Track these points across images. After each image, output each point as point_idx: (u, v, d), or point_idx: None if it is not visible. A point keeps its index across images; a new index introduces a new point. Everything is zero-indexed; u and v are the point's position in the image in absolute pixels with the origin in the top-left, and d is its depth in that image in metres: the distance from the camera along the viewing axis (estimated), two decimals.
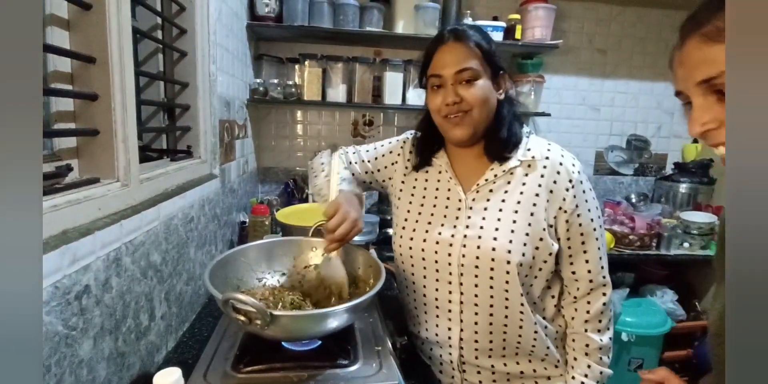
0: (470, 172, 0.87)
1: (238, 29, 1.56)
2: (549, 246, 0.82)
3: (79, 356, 0.58)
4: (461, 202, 0.86)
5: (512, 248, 0.79)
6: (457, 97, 0.79)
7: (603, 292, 0.86)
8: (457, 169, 0.89)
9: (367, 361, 0.65)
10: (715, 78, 0.44)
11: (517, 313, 0.83)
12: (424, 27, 1.78)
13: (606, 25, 2.18)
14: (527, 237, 0.80)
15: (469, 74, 0.79)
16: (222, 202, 1.31)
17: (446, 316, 0.86)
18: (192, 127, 1.12)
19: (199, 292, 1.07)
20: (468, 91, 0.79)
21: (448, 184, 0.88)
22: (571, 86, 2.23)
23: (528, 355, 0.86)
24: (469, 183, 0.87)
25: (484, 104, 0.80)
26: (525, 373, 0.87)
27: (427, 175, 0.92)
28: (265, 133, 2.04)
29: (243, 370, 0.63)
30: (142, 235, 0.75)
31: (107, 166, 0.70)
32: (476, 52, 0.79)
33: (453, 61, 0.79)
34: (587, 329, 0.86)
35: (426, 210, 0.89)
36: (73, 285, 0.56)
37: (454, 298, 0.84)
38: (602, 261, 0.86)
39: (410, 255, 0.88)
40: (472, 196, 0.85)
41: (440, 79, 0.81)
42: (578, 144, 2.29)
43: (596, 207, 0.85)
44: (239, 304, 0.57)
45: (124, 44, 0.70)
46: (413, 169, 0.94)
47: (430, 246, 0.85)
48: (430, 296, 0.87)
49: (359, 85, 1.85)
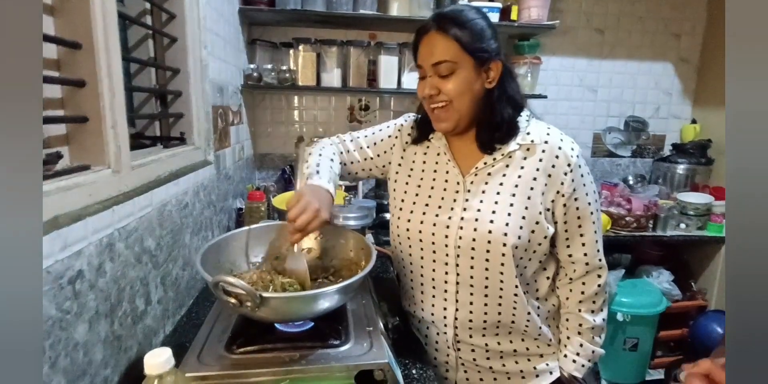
0: (468, 155, 0.87)
1: (230, 14, 1.53)
2: (545, 229, 0.83)
3: (74, 339, 0.59)
4: (459, 184, 0.86)
5: (508, 231, 0.80)
6: (434, 89, 0.80)
7: (598, 274, 0.87)
8: (456, 152, 0.89)
9: (359, 341, 0.67)
10: None
11: (511, 294, 0.84)
12: (418, 9, 1.75)
13: (604, 4, 2.14)
14: (524, 220, 0.81)
15: (446, 67, 0.78)
16: (217, 189, 1.31)
17: (442, 296, 0.88)
18: (185, 113, 1.12)
19: (195, 277, 1.09)
20: (444, 83, 0.79)
21: (446, 166, 0.89)
22: (569, 67, 2.21)
23: (521, 334, 0.88)
24: (467, 166, 0.87)
25: (462, 96, 0.79)
26: (518, 351, 0.89)
27: (426, 156, 0.93)
28: (260, 119, 2.03)
29: (236, 351, 0.65)
30: (134, 221, 0.76)
31: (98, 152, 0.70)
32: (455, 44, 0.77)
33: (430, 53, 0.79)
34: (581, 309, 0.88)
35: (424, 192, 0.90)
36: (65, 270, 0.57)
37: (450, 279, 0.86)
38: (598, 244, 0.87)
39: (408, 236, 0.89)
40: (471, 179, 0.86)
41: (422, 70, 0.81)
42: (576, 126, 2.27)
43: (594, 191, 0.86)
44: (229, 287, 0.58)
45: (110, 29, 0.69)
46: (413, 143, 0.94)
47: (428, 228, 0.86)
48: (427, 277, 0.89)
49: (354, 69, 1.83)
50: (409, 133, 0.95)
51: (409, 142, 0.95)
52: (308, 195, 0.76)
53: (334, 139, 1.02)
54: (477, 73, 0.79)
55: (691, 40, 2.23)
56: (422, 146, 0.94)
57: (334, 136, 1.03)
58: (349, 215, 1.47)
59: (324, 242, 0.90)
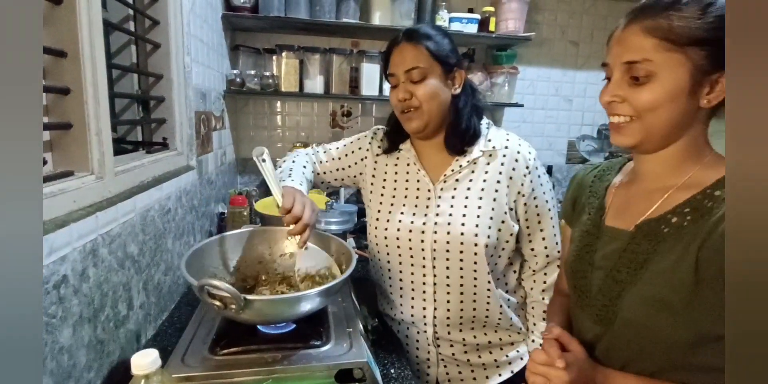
0: (437, 163, 0.93)
1: (213, 20, 1.55)
2: (510, 227, 0.90)
3: (59, 343, 0.60)
4: (430, 191, 0.92)
5: (479, 232, 0.86)
6: (407, 93, 0.86)
7: (558, 265, 0.94)
8: (424, 161, 0.95)
9: (339, 342, 0.70)
10: (637, 63, 0.54)
11: (485, 290, 0.90)
12: (400, 18, 1.80)
13: (578, 18, 2.24)
14: (491, 220, 0.87)
15: (418, 72, 0.84)
16: (199, 194, 1.32)
17: (421, 296, 0.93)
18: (167, 118, 1.13)
19: (177, 282, 1.09)
20: (416, 88, 0.85)
21: (417, 175, 0.94)
22: (545, 77, 2.29)
23: (495, 327, 0.94)
24: (437, 173, 0.92)
25: (433, 100, 0.86)
26: (492, 342, 0.95)
27: (397, 167, 0.98)
28: (243, 124, 2.04)
29: (220, 352, 0.67)
30: (118, 226, 0.77)
31: (81, 159, 0.71)
32: (425, 53, 0.84)
33: (403, 61, 0.86)
34: (544, 297, 0.95)
35: (398, 200, 0.95)
36: (51, 275, 0.58)
37: (428, 280, 0.91)
38: (556, 237, 0.94)
39: (385, 243, 0.94)
40: (440, 186, 0.91)
41: (395, 78, 0.88)
42: (551, 133, 2.36)
43: (549, 189, 0.94)
44: (214, 290, 0.60)
45: (95, 38, 0.70)
46: (384, 153, 1.00)
47: (404, 234, 0.91)
48: (406, 280, 0.94)
49: (337, 76, 1.86)
50: (379, 145, 1.01)
51: (380, 153, 1.00)
52: (298, 193, 0.81)
53: (309, 150, 1.08)
54: (444, 80, 0.87)
55: None
56: (392, 157, 0.99)
57: (308, 148, 1.09)
58: (331, 220, 1.49)
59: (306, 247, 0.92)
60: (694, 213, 0.54)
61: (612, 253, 0.62)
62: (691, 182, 0.57)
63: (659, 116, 0.55)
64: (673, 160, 0.59)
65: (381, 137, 1.01)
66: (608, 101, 0.58)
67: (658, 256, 0.56)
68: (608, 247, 0.63)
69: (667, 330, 0.56)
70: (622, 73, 0.56)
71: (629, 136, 0.58)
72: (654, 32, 0.53)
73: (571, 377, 0.58)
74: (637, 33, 0.54)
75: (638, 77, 0.54)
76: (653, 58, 0.53)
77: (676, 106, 0.54)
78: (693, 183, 0.57)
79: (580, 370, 0.59)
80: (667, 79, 0.53)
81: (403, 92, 0.86)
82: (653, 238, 0.57)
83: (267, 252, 0.90)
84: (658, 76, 0.53)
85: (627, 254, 0.60)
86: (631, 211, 0.62)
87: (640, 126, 0.57)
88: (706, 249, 0.52)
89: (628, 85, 0.56)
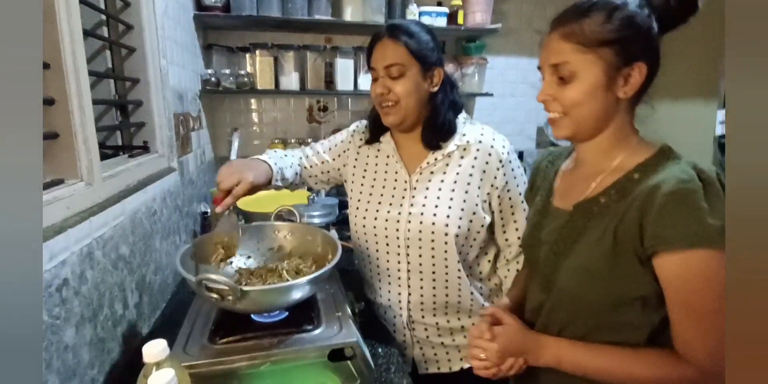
0: (414, 155, 0.98)
1: (186, 21, 1.55)
2: (482, 219, 0.95)
3: (64, 342, 0.64)
4: (407, 183, 0.97)
5: (449, 222, 0.91)
6: (385, 88, 0.90)
7: None
8: (403, 154, 1.00)
9: (329, 325, 0.76)
10: (560, 65, 0.62)
11: (455, 278, 0.96)
12: (371, 14, 1.83)
13: (542, 8, 2.31)
14: (462, 212, 0.93)
15: (397, 69, 0.88)
16: (182, 194, 1.35)
17: (396, 282, 0.99)
18: (147, 122, 1.14)
19: (167, 281, 1.13)
20: (395, 84, 0.89)
21: (395, 166, 0.99)
22: (513, 66, 2.36)
23: (467, 312, 1.01)
24: (413, 166, 0.98)
25: (410, 95, 0.90)
26: (465, 326, 1.01)
27: (377, 159, 1.03)
28: (219, 123, 2.05)
29: (219, 341, 0.72)
30: (110, 229, 0.80)
31: (70, 166, 0.74)
32: (405, 50, 0.88)
33: (383, 56, 0.89)
34: None
35: (377, 191, 1.00)
36: (53, 279, 0.61)
37: (402, 267, 0.97)
38: None
39: (364, 232, 1.00)
40: (416, 177, 0.97)
41: (375, 72, 0.92)
42: (521, 120, 2.45)
43: (524, 182, 0.99)
44: (212, 284, 0.65)
45: (77, 48, 0.73)
46: (366, 144, 1.05)
47: (381, 223, 0.97)
48: (383, 266, 1.00)
49: (311, 73, 1.88)
50: (361, 137, 1.06)
51: (362, 145, 1.05)
52: (237, 163, 0.87)
53: (297, 150, 1.13)
54: (423, 78, 0.91)
55: None
56: (374, 149, 1.04)
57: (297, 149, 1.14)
58: (313, 213, 1.54)
59: (294, 240, 0.97)
60: (617, 194, 0.63)
61: (554, 230, 0.71)
62: (618, 166, 0.65)
63: (584, 110, 0.63)
64: (603, 147, 0.67)
65: (363, 130, 1.06)
66: (542, 100, 0.66)
67: (588, 232, 0.65)
68: (552, 224, 0.72)
69: (592, 295, 0.65)
70: (550, 75, 0.64)
71: (563, 128, 0.66)
72: (570, 37, 0.61)
73: (501, 346, 0.67)
74: (557, 39, 0.62)
75: (563, 77, 0.62)
76: (571, 59, 0.61)
77: (596, 100, 0.62)
78: (620, 167, 0.65)
79: (510, 339, 0.68)
80: (585, 78, 0.61)
81: (381, 87, 0.90)
82: (586, 216, 0.66)
83: (255, 247, 0.95)
84: (579, 75, 0.61)
85: (565, 231, 0.68)
86: (573, 193, 0.70)
87: (570, 120, 0.64)
88: (622, 224, 0.60)
89: (557, 85, 0.63)
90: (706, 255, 0.55)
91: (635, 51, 0.60)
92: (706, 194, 0.55)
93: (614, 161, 0.66)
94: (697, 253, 0.55)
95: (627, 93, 0.62)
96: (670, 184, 0.56)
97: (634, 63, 0.60)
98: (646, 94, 0.65)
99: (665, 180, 0.57)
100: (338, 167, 1.09)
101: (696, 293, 0.57)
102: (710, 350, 0.57)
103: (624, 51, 0.60)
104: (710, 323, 0.57)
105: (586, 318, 0.67)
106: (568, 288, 0.67)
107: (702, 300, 0.57)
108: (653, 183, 0.58)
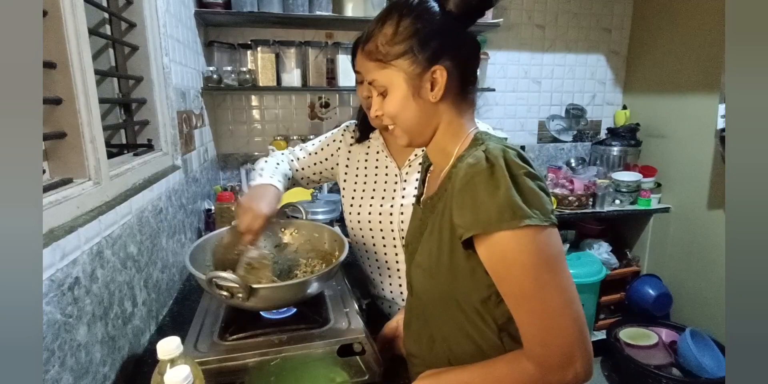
0: (402, 150, 1.00)
1: (187, 18, 1.54)
2: None
3: (77, 340, 0.64)
4: (397, 176, 0.99)
5: None
6: (369, 92, 0.89)
7: None
8: (392, 149, 1.02)
9: (338, 321, 0.76)
10: (372, 82, 0.64)
11: None
12: (372, 9, 1.82)
13: (543, 2, 2.30)
14: None
15: None
16: (187, 192, 1.35)
17: (396, 275, 1.01)
18: (150, 120, 1.15)
19: (173, 279, 1.13)
20: None
21: (385, 161, 1.02)
22: (515, 61, 2.36)
23: None
24: (403, 158, 1.00)
25: None
26: None
27: (368, 155, 1.05)
28: (221, 120, 2.05)
29: (229, 338, 0.73)
30: (118, 228, 0.80)
31: (78, 166, 0.74)
32: None
33: None
34: None
35: (369, 186, 1.02)
36: (65, 277, 0.62)
37: (399, 259, 0.99)
38: None
39: (359, 227, 1.01)
40: (406, 170, 0.99)
41: (359, 75, 0.92)
42: (522, 115, 2.44)
43: None
44: (222, 282, 0.65)
45: (83, 48, 0.73)
46: (356, 142, 1.06)
47: (375, 217, 0.98)
48: (381, 260, 1.01)
49: (313, 69, 1.88)
50: (352, 135, 1.08)
51: (353, 143, 1.07)
52: (246, 200, 0.87)
53: (285, 151, 1.14)
54: None
55: (620, 34, 2.44)
56: (364, 146, 1.06)
57: (285, 149, 1.16)
58: (317, 210, 1.55)
59: (301, 237, 0.98)
60: (442, 188, 0.63)
61: (411, 229, 0.72)
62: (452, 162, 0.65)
63: (405, 119, 0.63)
64: (441, 146, 0.66)
65: (353, 129, 1.08)
66: (373, 115, 0.67)
67: (426, 229, 0.65)
68: (413, 224, 0.73)
69: (435, 294, 0.64)
70: (373, 91, 0.65)
71: (399, 137, 0.67)
72: (370, 56, 0.62)
73: None
74: (362, 58, 0.64)
75: (381, 93, 0.64)
76: (376, 76, 0.62)
77: (410, 108, 0.62)
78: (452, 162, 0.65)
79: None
80: (393, 90, 0.62)
81: (366, 90, 0.91)
82: (425, 213, 0.67)
83: (262, 245, 0.95)
84: (389, 89, 0.62)
85: (416, 230, 0.69)
86: (429, 192, 0.71)
87: (400, 129, 0.65)
88: (443, 217, 0.60)
89: (382, 100, 0.64)
90: (501, 237, 0.52)
91: (430, 56, 0.59)
92: (491, 174, 0.53)
93: (452, 157, 0.65)
94: (494, 236, 0.53)
95: (436, 96, 0.61)
96: (461, 170, 0.56)
97: (433, 66, 0.60)
98: (472, 84, 0.65)
99: (460, 167, 0.57)
100: (331, 167, 1.11)
101: (504, 279, 0.55)
102: (539, 339, 0.53)
103: (417, 59, 0.59)
104: (529, 309, 0.53)
105: (438, 319, 0.66)
106: (417, 289, 0.68)
107: (511, 285, 0.54)
108: (456, 172, 0.58)
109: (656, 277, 2.18)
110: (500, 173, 0.53)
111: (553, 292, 0.52)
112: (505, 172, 0.53)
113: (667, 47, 2.19)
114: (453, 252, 0.59)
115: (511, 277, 0.53)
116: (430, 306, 0.66)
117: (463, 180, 0.55)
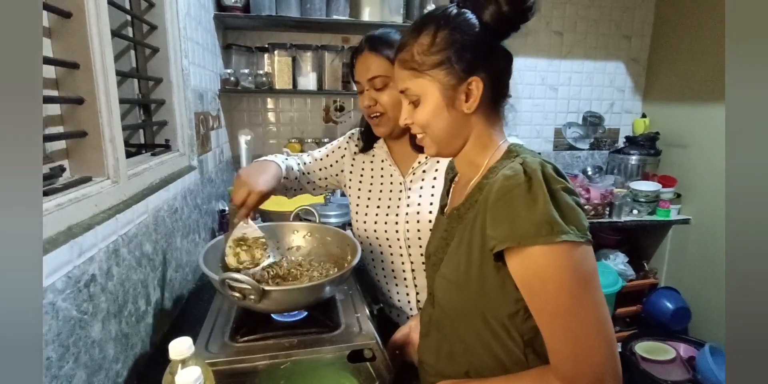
0: (406, 157, 1.00)
1: (206, 21, 1.57)
2: None
3: (91, 337, 0.65)
4: (401, 184, 0.99)
5: None
6: (371, 100, 0.91)
7: None
8: (396, 157, 1.02)
9: (349, 326, 0.76)
10: (404, 91, 0.64)
11: None
12: (389, 14, 1.83)
13: (562, 8, 2.28)
14: None
15: (380, 81, 0.89)
16: (202, 192, 1.36)
17: (403, 283, 1.00)
18: (168, 121, 1.16)
19: (186, 279, 1.14)
20: (380, 95, 0.90)
21: (389, 170, 1.01)
22: (531, 67, 2.34)
23: None
24: (406, 167, 1.00)
25: (395, 107, 0.90)
26: None
27: (372, 164, 1.05)
28: (237, 122, 2.07)
29: (240, 340, 0.72)
30: (134, 227, 0.81)
31: (97, 165, 0.75)
32: (386, 61, 0.88)
33: (366, 69, 0.90)
34: None
35: (374, 195, 1.02)
36: (81, 274, 0.62)
37: (406, 267, 0.98)
38: None
39: (366, 235, 1.01)
40: (409, 178, 0.98)
41: (360, 85, 0.93)
42: (539, 122, 2.42)
43: None
44: (234, 283, 0.65)
45: (106, 49, 0.74)
46: (360, 152, 1.07)
47: (381, 226, 0.98)
48: (388, 268, 1.01)
49: (329, 73, 1.89)
50: (356, 144, 1.08)
51: (358, 152, 1.08)
52: (243, 174, 0.87)
53: (293, 156, 1.14)
54: None
55: (640, 41, 2.41)
56: (368, 155, 1.07)
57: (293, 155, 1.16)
58: (330, 213, 1.55)
59: (313, 240, 0.98)
60: (472, 199, 0.62)
61: (435, 240, 0.71)
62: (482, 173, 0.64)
63: (436, 129, 0.63)
64: (470, 158, 0.66)
65: (358, 137, 1.08)
66: (403, 124, 0.67)
67: (453, 240, 0.64)
68: (435, 235, 0.72)
69: (461, 307, 0.63)
70: (404, 99, 0.65)
71: (428, 147, 0.66)
72: (404, 64, 0.62)
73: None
74: (398, 66, 0.64)
75: (412, 102, 0.63)
76: (410, 85, 0.62)
77: (442, 119, 0.62)
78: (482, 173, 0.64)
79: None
80: (427, 100, 0.62)
81: (367, 99, 0.91)
82: (452, 224, 0.66)
83: (275, 246, 0.96)
84: (422, 99, 0.62)
85: (442, 241, 0.68)
86: (454, 203, 0.70)
87: (429, 139, 0.65)
88: (474, 229, 0.59)
89: (413, 109, 0.64)
90: (536, 251, 0.51)
91: (466, 67, 0.59)
92: (529, 188, 0.52)
93: (481, 169, 0.64)
94: (528, 250, 0.51)
95: (470, 108, 0.61)
96: (498, 182, 0.55)
97: (469, 78, 0.59)
98: (504, 96, 0.66)
99: (496, 179, 0.56)
100: (336, 173, 1.11)
101: (538, 295, 0.53)
102: (571, 358, 0.51)
103: (454, 69, 0.59)
104: (563, 326, 0.52)
105: (461, 331, 0.64)
106: (441, 300, 0.66)
107: (545, 301, 0.52)
108: (490, 183, 0.57)
109: (674, 290, 2.12)
110: (539, 187, 0.52)
111: (587, 310, 0.51)
112: (544, 186, 0.52)
113: (689, 55, 2.15)
114: (483, 264, 0.58)
115: (546, 292, 0.52)
116: (454, 318, 0.65)
117: (500, 192, 0.54)
